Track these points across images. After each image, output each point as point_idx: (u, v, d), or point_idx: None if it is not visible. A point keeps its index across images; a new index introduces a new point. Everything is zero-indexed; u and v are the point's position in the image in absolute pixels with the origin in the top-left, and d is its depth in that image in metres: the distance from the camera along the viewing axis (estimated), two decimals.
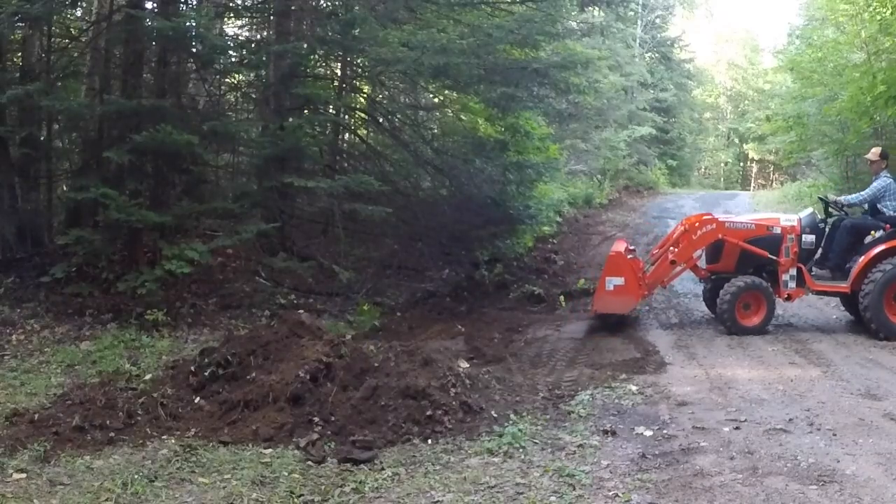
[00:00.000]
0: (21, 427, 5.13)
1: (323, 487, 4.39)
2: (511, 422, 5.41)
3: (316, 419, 5.20)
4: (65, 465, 4.65)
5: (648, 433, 5.17)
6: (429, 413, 5.26)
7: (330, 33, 10.27)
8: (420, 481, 4.46)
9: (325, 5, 11.48)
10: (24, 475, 4.46)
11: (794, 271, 8.30)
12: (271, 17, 10.85)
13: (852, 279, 8.09)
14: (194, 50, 9.14)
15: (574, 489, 4.29)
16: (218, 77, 10.69)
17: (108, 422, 5.21)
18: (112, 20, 9.12)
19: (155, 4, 9.41)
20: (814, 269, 8.47)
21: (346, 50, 10.47)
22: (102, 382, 5.86)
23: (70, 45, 10.05)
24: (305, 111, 10.33)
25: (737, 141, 46.67)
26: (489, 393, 5.99)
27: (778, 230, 8.41)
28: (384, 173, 10.80)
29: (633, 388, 6.22)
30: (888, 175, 8.45)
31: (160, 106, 8.10)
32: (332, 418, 5.22)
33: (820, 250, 8.54)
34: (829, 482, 4.25)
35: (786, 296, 8.36)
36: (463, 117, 12.25)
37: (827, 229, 8.55)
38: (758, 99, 42.28)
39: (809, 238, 8.40)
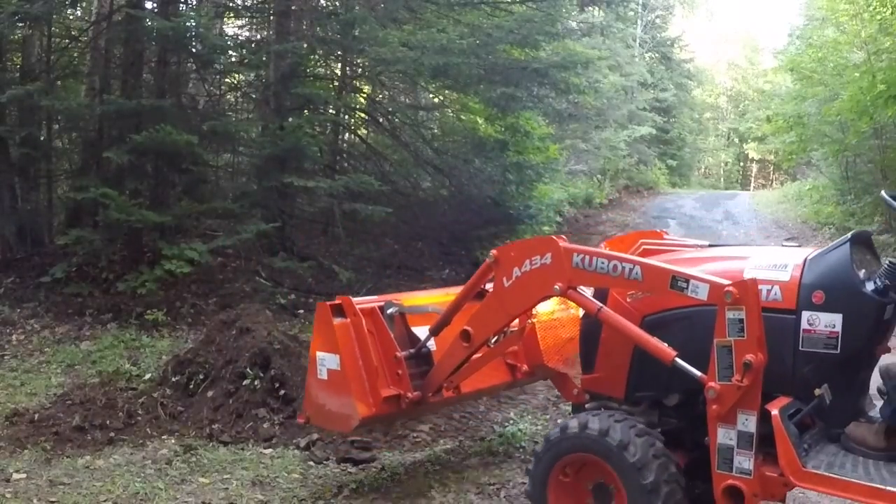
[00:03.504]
0: (21, 427, 5.14)
1: (323, 487, 4.39)
2: (511, 422, 5.41)
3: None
4: (65, 465, 4.65)
5: None
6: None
7: (330, 33, 10.27)
8: (420, 481, 4.46)
9: (325, 5, 11.48)
10: (24, 475, 4.46)
11: None
12: (271, 17, 10.84)
13: None
14: (194, 50, 9.14)
15: None
16: (218, 77, 10.69)
17: (108, 422, 5.22)
18: (112, 20, 9.12)
19: (155, 4, 9.41)
20: None
21: (346, 50, 10.47)
22: (102, 382, 5.85)
23: (70, 45, 10.05)
24: (305, 111, 10.31)
25: (737, 141, 46.68)
26: None
27: None
28: (384, 173, 10.80)
29: None
30: None
31: (160, 106, 8.09)
32: None
33: None
34: None
35: None
36: (463, 117, 12.25)
37: None
38: (758, 99, 42.27)
39: None
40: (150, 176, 8.77)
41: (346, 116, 12.03)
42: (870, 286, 3.08)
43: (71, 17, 10.80)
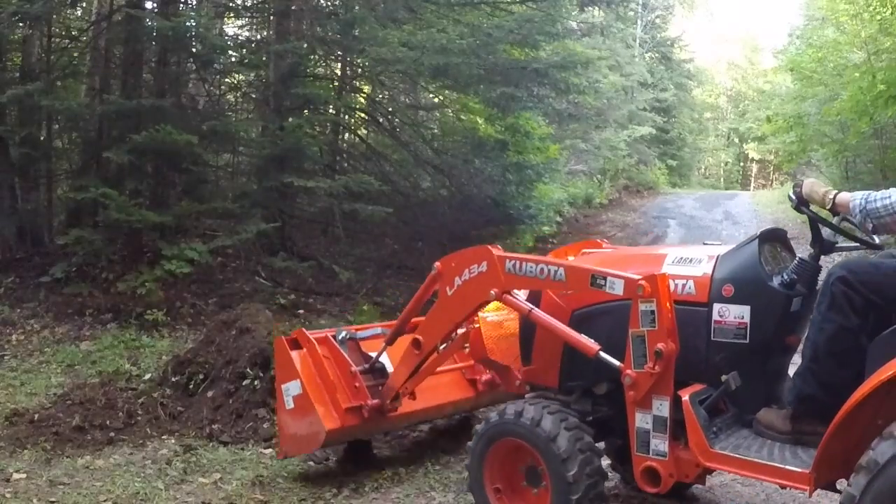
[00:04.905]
0: (21, 427, 5.14)
1: (323, 487, 4.39)
2: None
3: None
4: (65, 465, 4.65)
5: None
6: None
7: (330, 33, 10.26)
8: (420, 481, 4.46)
9: (325, 5, 11.46)
10: (24, 475, 4.46)
11: None
12: (271, 17, 10.84)
13: None
14: (194, 50, 9.13)
15: None
16: (218, 77, 10.68)
17: (108, 422, 5.22)
18: (112, 20, 9.12)
19: (155, 4, 9.41)
20: None
21: (346, 50, 10.47)
22: (102, 382, 5.86)
23: (70, 45, 10.04)
24: (305, 111, 10.31)
25: (737, 141, 46.68)
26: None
27: None
28: (384, 173, 10.80)
29: None
30: None
31: (160, 106, 8.09)
32: None
33: None
34: None
35: None
36: (463, 117, 12.25)
37: None
38: (758, 99, 42.26)
39: None
40: (150, 176, 8.77)
41: (346, 116, 12.03)
42: (777, 280, 3.29)
43: (71, 17, 10.80)
